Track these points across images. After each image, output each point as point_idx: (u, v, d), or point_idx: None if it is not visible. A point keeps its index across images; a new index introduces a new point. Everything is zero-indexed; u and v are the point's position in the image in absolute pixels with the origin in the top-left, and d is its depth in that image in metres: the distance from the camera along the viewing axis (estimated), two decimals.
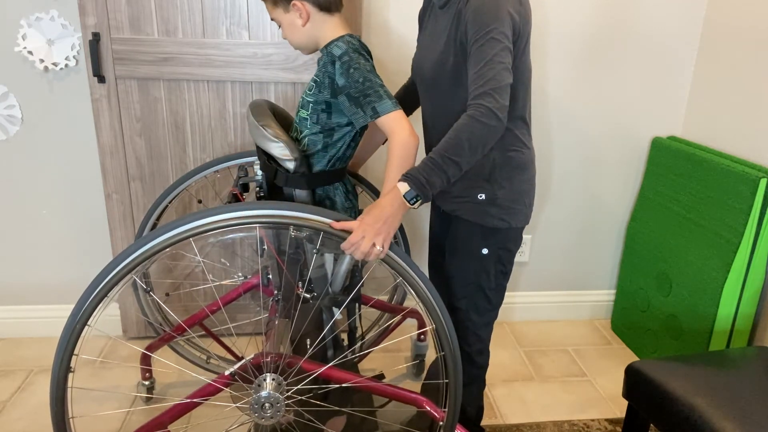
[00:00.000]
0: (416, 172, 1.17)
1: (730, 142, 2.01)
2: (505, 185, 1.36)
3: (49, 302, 2.18)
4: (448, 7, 1.32)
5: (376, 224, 1.16)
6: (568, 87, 2.17)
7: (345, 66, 1.25)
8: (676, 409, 1.30)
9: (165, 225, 1.17)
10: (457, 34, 1.26)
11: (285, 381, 1.31)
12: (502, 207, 1.37)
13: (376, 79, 1.27)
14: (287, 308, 1.42)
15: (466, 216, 1.39)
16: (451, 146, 1.17)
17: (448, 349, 1.29)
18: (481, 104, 1.17)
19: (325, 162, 1.37)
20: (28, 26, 1.85)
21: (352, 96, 1.26)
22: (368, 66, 1.28)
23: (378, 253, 1.18)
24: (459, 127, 1.18)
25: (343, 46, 1.27)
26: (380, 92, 1.26)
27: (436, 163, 1.17)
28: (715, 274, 1.85)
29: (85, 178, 2.06)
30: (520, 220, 1.41)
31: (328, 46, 1.31)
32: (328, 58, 1.28)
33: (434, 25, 1.38)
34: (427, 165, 1.17)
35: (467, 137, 1.17)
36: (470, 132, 1.17)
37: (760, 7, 1.88)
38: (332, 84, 1.29)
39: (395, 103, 1.26)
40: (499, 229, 1.38)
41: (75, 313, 1.14)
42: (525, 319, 2.48)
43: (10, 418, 1.78)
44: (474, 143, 1.18)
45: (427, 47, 1.39)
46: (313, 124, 1.34)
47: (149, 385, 1.87)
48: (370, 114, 1.26)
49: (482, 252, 1.40)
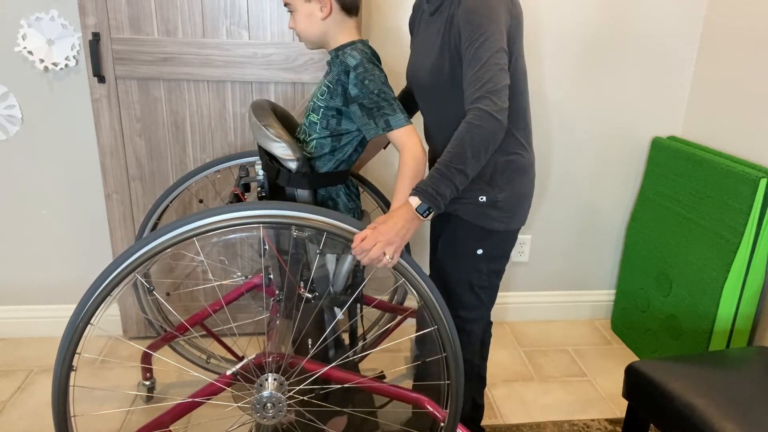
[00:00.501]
0: (425, 185, 1.18)
1: (730, 142, 2.01)
2: (506, 188, 1.36)
3: (49, 302, 2.18)
4: (439, 12, 1.31)
5: (389, 234, 1.17)
6: (568, 87, 2.18)
7: (360, 77, 1.25)
8: (676, 409, 1.30)
9: (167, 225, 1.17)
10: (451, 38, 1.25)
11: (287, 381, 1.32)
12: (503, 210, 1.37)
13: (390, 91, 1.28)
14: (289, 308, 1.42)
15: (465, 216, 1.39)
16: (454, 155, 1.18)
17: (450, 349, 1.30)
18: (479, 108, 1.17)
19: (331, 164, 1.37)
20: (28, 26, 1.85)
21: (366, 107, 1.27)
22: (382, 77, 1.29)
23: (387, 262, 1.18)
24: (460, 135, 1.18)
25: (357, 56, 1.27)
26: (394, 105, 1.27)
27: (442, 173, 1.18)
28: (715, 274, 1.86)
29: (85, 178, 2.05)
30: (518, 222, 1.42)
31: (340, 52, 1.31)
32: (342, 67, 1.28)
33: (426, 31, 1.37)
34: (435, 176, 1.18)
35: (468, 144, 1.17)
36: (470, 138, 1.17)
37: (760, 7, 1.88)
38: (345, 93, 1.29)
39: (407, 118, 1.28)
40: (497, 230, 1.39)
41: (78, 311, 1.14)
42: (525, 319, 2.48)
43: (11, 418, 1.78)
44: (476, 149, 1.18)
45: (420, 54, 1.39)
46: (322, 128, 1.34)
47: (150, 384, 1.87)
48: (382, 126, 1.26)
49: (477, 252, 1.40)
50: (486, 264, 1.42)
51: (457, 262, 1.43)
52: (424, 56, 1.35)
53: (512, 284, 2.43)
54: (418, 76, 1.39)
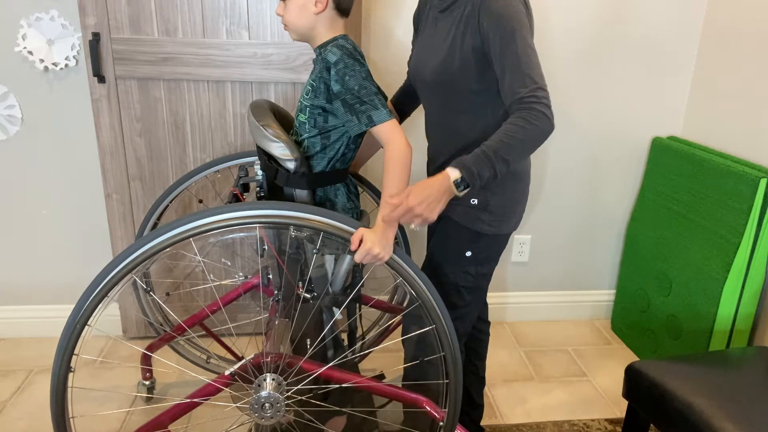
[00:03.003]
0: (469, 162, 1.17)
1: (730, 142, 2.01)
2: (498, 192, 1.36)
3: (49, 302, 2.18)
4: (450, 10, 1.31)
5: (422, 194, 1.16)
6: (568, 87, 2.17)
7: (340, 73, 1.25)
8: (676, 409, 1.30)
9: (166, 225, 1.17)
10: (465, 38, 1.25)
11: (285, 381, 1.32)
12: (493, 214, 1.37)
13: (372, 86, 1.27)
14: (287, 308, 1.42)
15: (455, 217, 1.40)
16: (505, 145, 1.17)
17: (449, 349, 1.30)
18: (536, 108, 1.17)
19: (324, 163, 1.37)
20: (28, 26, 1.85)
21: (348, 103, 1.26)
22: (363, 72, 1.27)
23: (420, 222, 1.18)
24: (515, 129, 1.18)
25: (337, 52, 1.26)
26: (375, 101, 1.26)
27: (489, 157, 1.17)
28: (715, 274, 1.85)
29: (85, 178, 2.06)
30: (509, 227, 1.41)
31: (322, 49, 1.30)
32: (323, 64, 1.28)
33: (434, 27, 1.37)
34: (480, 158, 1.17)
35: (522, 138, 1.18)
36: (525, 133, 1.17)
37: (760, 7, 1.88)
38: (328, 90, 1.29)
39: (389, 112, 1.27)
40: (486, 234, 1.39)
41: (75, 312, 1.14)
42: (525, 319, 2.48)
43: (10, 418, 1.78)
44: (527, 146, 1.20)
45: (427, 50, 1.38)
46: (311, 127, 1.34)
47: (149, 384, 1.87)
48: (365, 122, 1.26)
49: (466, 254, 1.40)
50: (474, 267, 1.42)
51: (446, 262, 1.43)
52: (432, 53, 1.35)
53: (512, 284, 2.43)
54: (423, 73, 1.39)
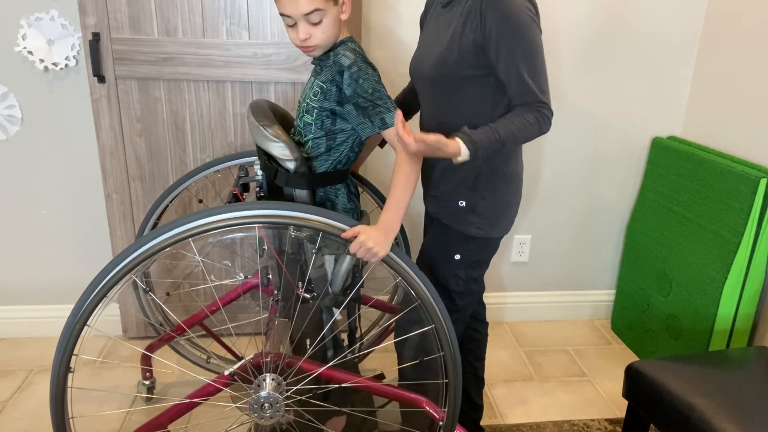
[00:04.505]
0: (476, 135, 1.20)
1: (730, 142, 2.01)
2: (487, 195, 1.36)
3: (49, 302, 2.19)
4: (452, 5, 1.32)
5: (428, 140, 1.17)
6: (568, 87, 2.17)
7: (354, 76, 1.25)
8: (676, 409, 1.30)
9: (165, 224, 1.17)
10: (465, 32, 1.26)
11: (284, 381, 1.31)
12: (482, 216, 1.37)
13: (383, 89, 1.28)
14: (287, 308, 1.42)
15: (445, 220, 1.40)
16: (511, 134, 1.23)
17: (448, 349, 1.29)
18: (543, 113, 1.25)
19: (328, 164, 1.37)
20: (28, 26, 1.85)
21: (360, 106, 1.27)
22: (376, 76, 1.29)
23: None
24: (525, 124, 1.23)
25: (351, 55, 1.26)
26: (388, 104, 1.27)
27: (491, 136, 1.21)
28: (715, 274, 1.85)
29: (85, 178, 2.06)
30: (499, 231, 1.41)
31: (332, 52, 1.30)
32: (336, 67, 1.27)
33: (436, 23, 1.38)
34: (488, 134, 1.21)
35: (523, 134, 1.24)
36: (529, 130, 1.24)
37: (760, 7, 1.88)
38: (339, 93, 1.28)
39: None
40: (475, 237, 1.38)
41: (75, 313, 1.14)
42: (525, 319, 2.48)
43: (10, 418, 1.78)
44: (519, 140, 1.26)
45: (427, 45, 1.39)
46: (317, 129, 1.34)
47: (149, 384, 1.87)
48: (378, 125, 1.27)
49: (455, 257, 1.40)
50: (464, 270, 1.42)
51: (435, 264, 1.43)
52: (431, 47, 1.36)
53: (512, 284, 2.43)
54: (421, 67, 1.39)
